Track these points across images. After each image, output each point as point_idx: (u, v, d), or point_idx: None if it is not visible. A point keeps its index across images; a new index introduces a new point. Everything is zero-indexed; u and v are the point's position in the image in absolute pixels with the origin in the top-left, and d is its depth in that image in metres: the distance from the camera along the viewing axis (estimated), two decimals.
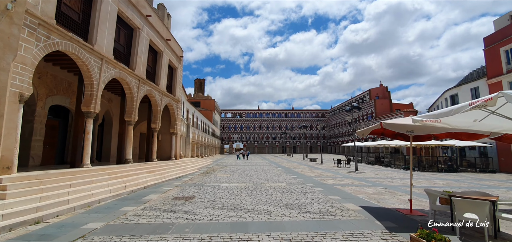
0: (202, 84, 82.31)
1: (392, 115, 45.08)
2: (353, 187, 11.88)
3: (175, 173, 15.85)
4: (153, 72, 17.18)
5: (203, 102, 63.75)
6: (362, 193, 10.24)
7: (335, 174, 17.74)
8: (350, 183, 13.41)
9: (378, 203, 8.37)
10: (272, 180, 13.99)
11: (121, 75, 12.68)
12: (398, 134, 8.53)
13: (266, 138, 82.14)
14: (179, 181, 13.56)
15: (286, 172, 19.10)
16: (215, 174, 17.39)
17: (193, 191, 10.24)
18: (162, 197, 9.04)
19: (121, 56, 13.35)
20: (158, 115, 17.13)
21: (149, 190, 10.52)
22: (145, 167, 14.01)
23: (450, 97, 31.42)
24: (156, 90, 16.67)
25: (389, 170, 22.68)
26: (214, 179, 14.25)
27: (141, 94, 14.77)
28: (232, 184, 12.45)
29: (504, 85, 23.79)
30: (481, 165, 23.36)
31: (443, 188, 12.31)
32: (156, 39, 16.69)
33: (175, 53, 20.29)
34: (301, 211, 7.04)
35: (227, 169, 21.53)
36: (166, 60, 18.37)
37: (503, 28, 24.24)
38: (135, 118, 13.98)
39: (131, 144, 13.84)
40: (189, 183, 12.59)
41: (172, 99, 19.58)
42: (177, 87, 20.92)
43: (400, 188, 11.76)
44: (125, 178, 11.13)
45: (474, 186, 13.25)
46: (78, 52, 9.83)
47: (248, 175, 16.76)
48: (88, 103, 10.64)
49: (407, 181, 14.96)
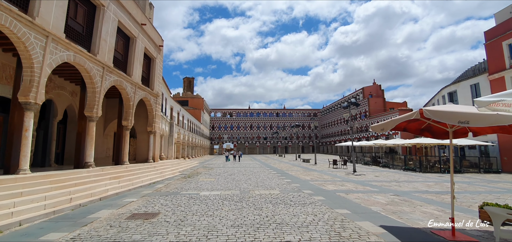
0: (191, 82, 79.50)
1: (386, 114, 43.83)
2: (359, 194, 9.90)
3: (149, 178, 13.51)
4: (124, 61, 14.77)
5: (191, 100, 61.08)
6: (373, 203, 8.25)
7: (333, 177, 15.78)
8: (354, 188, 11.45)
9: (400, 219, 6.38)
10: (262, 186, 11.87)
11: (76, 60, 10.28)
12: (426, 129, 6.61)
13: (257, 138, 80.00)
14: (151, 188, 11.26)
15: (279, 175, 17.03)
16: (197, 178, 15.12)
17: (160, 204, 7.99)
18: (114, 215, 6.77)
19: (78, 36, 10.94)
20: (130, 110, 14.73)
21: (104, 204, 8.21)
22: (110, 172, 11.64)
23: (448, 94, 30.13)
24: (128, 81, 14.27)
25: (389, 171, 20.97)
26: (194, 186, 12.01)
27: (107, 85, 12.37)
28: (214, 192, 10.25)
29: (507, 81, 22.50)
30: (484, 165, 21.93)
31: (461, 193, 10.51)
32: (128, 22, 14.30)
33: (152, 41, 17.89)
34: (303, 238, 4.94)
35: (213, 172, 19.27)
36: (141, 48, 15.98)
37: (506, 21, 22.96)
38: (98, 113, 11.59)
39: (92, 145, 11.44)
40: (161, 192, 10.31)
41: (149, 93, 17.19)
42: (155, 80, 18.52)
43: (414, 195, 9.86)
44: (76, 187, 8.78)
45: (494, 190, 11.51)
46: (12, 25, 7.48)
47: (235, 179, 14.58)
48: (27, 92, 8.25)
49: (416, 184, 13.17)
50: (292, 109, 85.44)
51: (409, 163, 23.52)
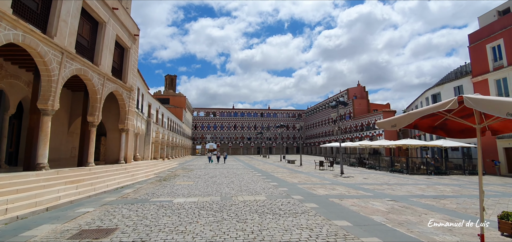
0: (173, 80, 76.60)
1: (370, 115, 43.99)
2: (355, 200, 8.89)
3: (117, 182, 11.86)
4: (91, 48, 12.99)
5: (172, 98, 58.59)
6: (373, 211, 7.24)
7: (322, 180, 14.82)
8: (346, 192, 10.47)
9: (411, 233, 5.36)
10: (247, 191, 10.61)
11: (27, 41, 8.54)
12: (439, 127, 5.66)
13: (241, 139, 78.51)
14: (116, 194, 9.67)
15: (264, 177, 15.84)
16: (174, 181, 13.60)
17: (121, 216, 6.51)
18: (55, 232, 5.25)
19: (30, 14, 9.18)
20: (98, 105, 12.97)
21: (50, 215, 6.61)
22: (68, 175, 9.93)
23: (431, 96, 30.37)
24: (95, 71, 12.53)
25: (376, 173, 20.41)
26: (169, 191, 10.53)
27: (67, 73, 10.63)
28: (191, 198, 8.86)
29: (490, 83, 22.72)
30: (468, 167, 21.93)
31: (459, 197, 9.81)
32: (95, 4, 12.55)
33: (126, 29, 16.13)
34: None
35: (193, 174, 17.75)
36: (111, 35, 14.22)
37: (490, 24, 23.20)
38: (54, 106, 9.84)
39: (46, 143, 9.68)
40: (128, 199, 8.77)
41: (121, 87, 15.42)
42: (129, 72, 16.75)
43: (412, 201, 8.99)
44: (17, 194, 7.10)
45: (490, 194, 10.94)
46: None
47: (216, 182, 13.21)
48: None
49: (408, 187, 12.45)
50: (276, 110, 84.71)
51: (396, 165, 23.17)
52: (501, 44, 21.84)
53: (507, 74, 21.39)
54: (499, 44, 22.21)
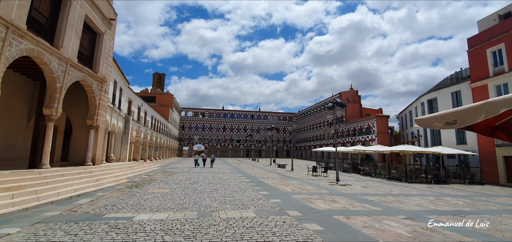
0: (161, 79, 73.89)
1: (363, 120, 42.99)
2: (364, 218, 7.23)
3: (74, 189, 9.76)
4: (51, 27, 10.86)
5: (159, 97, 55.93)
6: (393, 236, 5.58)
7: (318, 189, 13.15)
8: (350, 206, 8.81)
9: None
10: (232, 203, 8.78)
11: None
12: (500, 128, 4.04)
13: (230, 141, 76.27)
14: (66, 206, 7.62)
15: (253, 184, 14.02)
16: (146, 188, 11.58)
17: None
18: None
19: None
20: (57, 95, 10.83)
21: None
22: (4, 180, 7.80)
23: (427, 101, 29.48)
24: (54, 54, 10.41)
25: (374, 181, 18.97)
26: (134, 202, 8.54)
27: (14, 54, 8.51)
28: (158, 214, 6.94)
29: (490, 89, 21.84)
30: (466, 175, 20.87)
31: (482, 214, 8.32)
32: None
33: (99, 11, 14.02)
34: None
35: (172, 178, 15.73)
36: (78, 14, 12.12)
37: (491, 28, 22.38)
38: None
39: None
40: (75, 214, 6.76)
41: (90, 76, 13.29)
42: (102, 61, 14.61)
43: (430, 218, 7.39)
44: None
45: (509, 209, 9.54)
46: None
47: (197, 190, 11.29)
48: None
49: (415, 199, 10.97)
50: (267, 112, 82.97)
51: (392, 172, 21.87)
52: (503, 48, 20.99)
53: (508, 80, 20.52)
54: (500, 49, 21.38)
